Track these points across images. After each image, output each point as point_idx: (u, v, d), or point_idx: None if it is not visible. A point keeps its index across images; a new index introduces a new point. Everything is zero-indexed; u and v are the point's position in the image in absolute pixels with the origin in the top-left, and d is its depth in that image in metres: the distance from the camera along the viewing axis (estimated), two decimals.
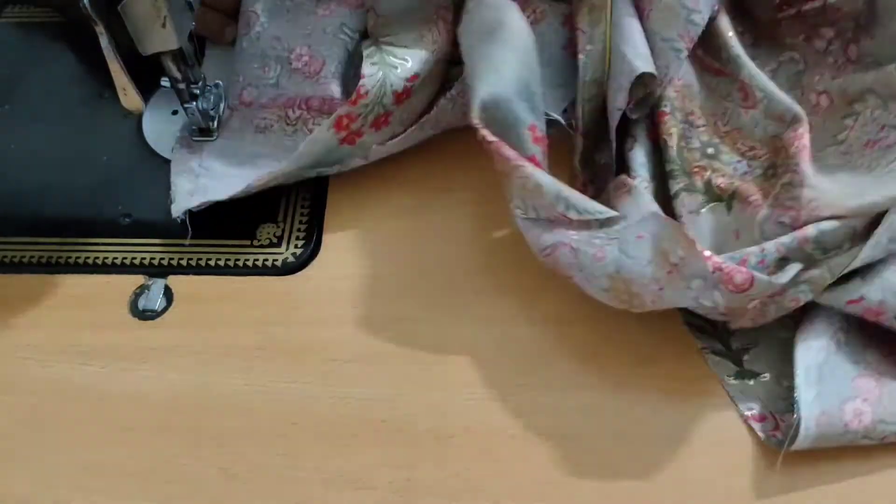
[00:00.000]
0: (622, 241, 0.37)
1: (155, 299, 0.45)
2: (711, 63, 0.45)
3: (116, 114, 0.50)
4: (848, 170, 0.40)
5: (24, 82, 0.55)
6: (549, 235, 0.39)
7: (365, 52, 0.45)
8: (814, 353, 0.38)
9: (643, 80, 0.42)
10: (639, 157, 0.44)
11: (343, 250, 0.47)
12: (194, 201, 0.46)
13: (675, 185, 0.43)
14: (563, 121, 0.45)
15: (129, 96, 0.45)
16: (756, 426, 0.38)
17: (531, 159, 0.41)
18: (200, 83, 0.48)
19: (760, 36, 0.46)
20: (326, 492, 0.39)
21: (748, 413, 0.39)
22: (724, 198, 0.42)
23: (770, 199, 0.40)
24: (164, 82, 0.48)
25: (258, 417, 0.41)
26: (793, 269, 0.37)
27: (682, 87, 0.44)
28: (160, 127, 0.52)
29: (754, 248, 0.37)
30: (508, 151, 0.40)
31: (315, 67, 0.48)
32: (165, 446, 0.40)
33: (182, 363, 0.43)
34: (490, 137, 0.41)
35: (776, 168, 0.41)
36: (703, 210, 0.42)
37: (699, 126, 0.44)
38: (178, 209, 0.46)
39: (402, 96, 0.45)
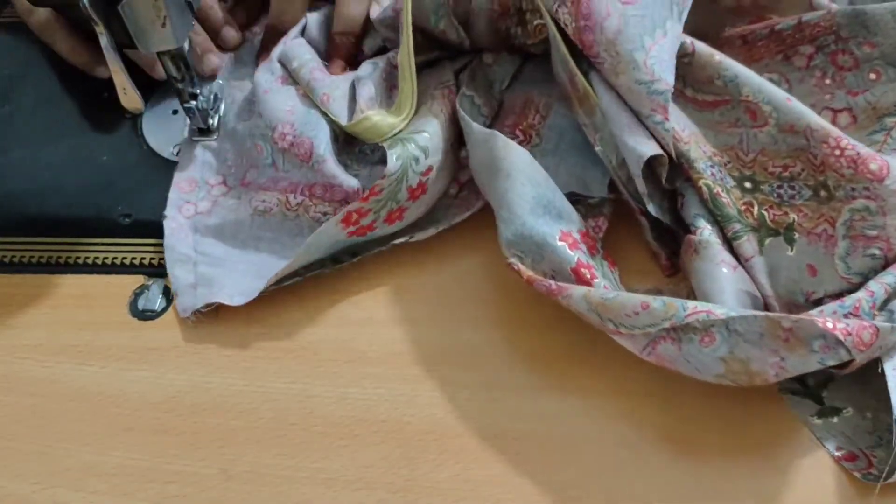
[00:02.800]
0: (732, 316, 0.35)
1: (155, 299, 0.45)
2: (705, 98, 0.43)
3: (116, 114, 0.50)
4: None
5: (24, 82, 0.55)
6: (634, 338, 0.37)
7: (388, 148, 0.42)
8: None
9: (657, 160, 0.41)
10: (692, 210, 0.42)
11: None
12: (200, 298, 0.44)
13: (730, 232, 0.41)
14: (607, 194, 0.44)
15: (129, 96, 0.45)
16: (849, 466, 0.37)
17: (575, 270, 0.39)
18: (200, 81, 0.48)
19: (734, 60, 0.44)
20: (326, 492, 0.39)
21: (838, 454, 0.38)
22: (782, 231, 0.40)
23: (840, 228, 0.38)
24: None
25: (258, 417, 0.41)
26: None
27: (690, 136, 0.42)
28: (160, 127, 0.52)
29: (863, 294, 0.36)
30: (542, 285, 0.39)
31: (304, 150, 0.44)
32: (165, 446, 0.40)
33: (182, 363, 0.43)
34: (525, 274, 0.40)
35: (829, 189, 0.39)
36: (764, 246, 0.40)
37: (726, 164, 0.42)
38: (185, 309, 0.44)
39: (416, 192, 0.43)
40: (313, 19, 0.51)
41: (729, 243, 0.41)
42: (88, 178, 0.50)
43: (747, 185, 0.42)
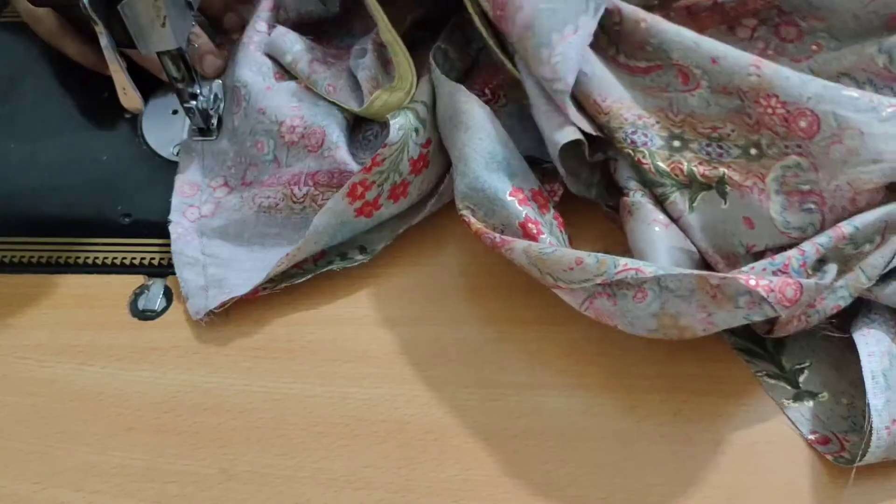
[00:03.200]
0: (661, 274, 0.35)
1: (155, 299, 0.46)
2: (638, 64, 0.43)
3: (116, 113, 0.50)
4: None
5: (24, 82, 0.55)
6: (573, 292, 0.38)
7: (391, 118, 0.42)
8: (877, 359, 0.37)
9: (576, 145, 0.41)
10: (624, 173, 0.43)
11: None
12: (213, 299, 0.43)
13: (659, 191, 0.42)
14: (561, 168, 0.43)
15: (129, 96, 0.45)
16: (821, 450, 0.38)
17: (522, 225, 0.40)
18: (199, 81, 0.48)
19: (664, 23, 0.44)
20: (326, 492, 0.39)
21: (812, 437, 0.38)
22: (713, 185, 0.40)
23: (772, 183, 0.39)
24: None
25: (258, 417, 0.41)
26: (832, 269, 0.36)
27: (612, 104, 0.42)
28: (160, 127, 0.52)
29: (794, 252, 0.36)
30: (487, 236, 0.40)
31: (315, 140, 0.45)
32: (166, 446, 0.40)
33: (182, 363, 0.43)
34: (474, 227, 0.41)
35: (761, 147, 0.40)
36: (696, 204, 0.41)
37: (653, 125, 0.42)
38: (197, 310, 0.43)
39: (418, 164, 0.43)
40: None
41: (661, 204, 0.42)
42: (88, 177, 0.50)
43: (676, 143, 0.42)
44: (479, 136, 0.41)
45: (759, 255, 0.40)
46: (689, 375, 0.41)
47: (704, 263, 0.42)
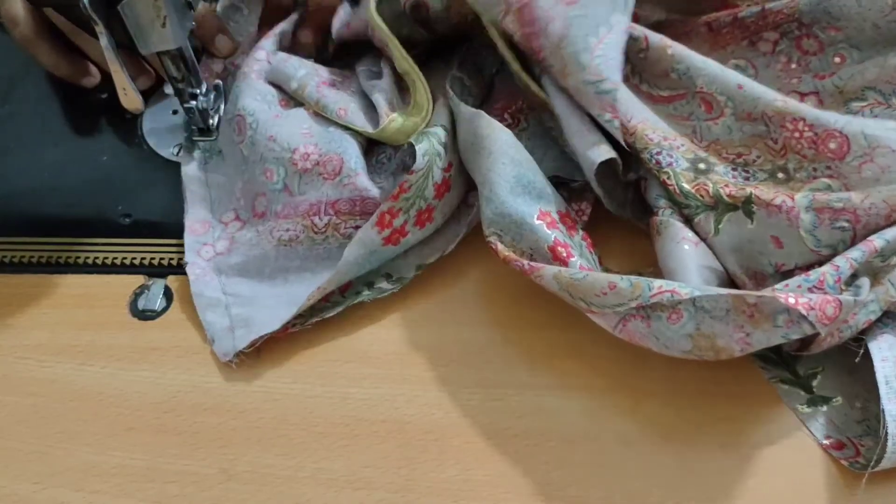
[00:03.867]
0: (697, 295, 0.35)
1: (155, 299, 0.45)
2: (661, 94, 0.43)
3: (116, 114, 0.50)
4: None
5: (24, 82, 0.55)
6: (606, 316, 0.38)
7: (415, 143, 0.42)
8: (891, 364, 0.37)
9: (610, 164, 0.41)
10: (653, 191, 0.43)
11: None
12: (241, 340, 0.42)
13: (686, 211, 0.41)
14: (595, 184, 0.43)
15: (129, 96, 0.45)
16: (836, 454, 0.37)
17: (552, 248, 0.40)
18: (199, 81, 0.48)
19: (698, 48, 0.44)
20: (326, 492, 0.39)
21: (826, 442, 0.38)
22: (740, 205, 0.40)
23: (803, 199, 0.38)
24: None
25: (258, 417, 0.41)
26: (865, 283, 0.36)
27: (637, 124, 0.42)
28: (160, 127, 0.52)
29: (828, 268, 0.36)
30: (516, 263, 0.40)
31: (332, 167, 0.44)
32: (166, 446, 0.40)
33: (182, 363, 0.43)
34: (502, 254, 0.40)
35: (788, 172, 0.40)
36: (721, 225, 0.40)
37: (679, 147, 0.42)
38: (225, 352, 0.42)
39: (441, 189, 0.43)
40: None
41: (689, 222, 0.42)
42: (88, 178, 0.50)
43: (701, 166, 0.42)
44: (503, 160, 0.41)
45: (787, 274, 0.39)
46: (691, 378, 0.41)
47: (732, 283, 0.41)
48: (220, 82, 0.51)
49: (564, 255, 0.40)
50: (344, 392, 0.42)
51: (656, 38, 0.42)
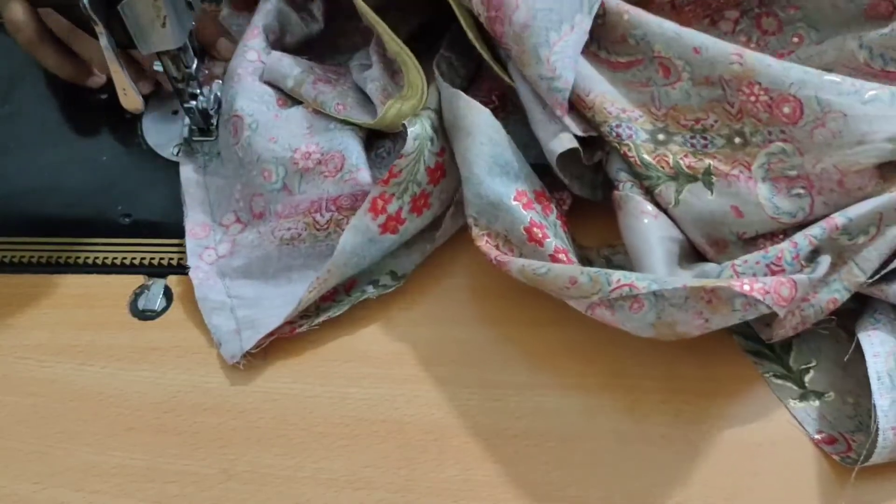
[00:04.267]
0: (655, 289, 0.36)
1: (155, 299, 0.45)
2: (619, 60, 0.43)
3: (116, 114, 0.50)
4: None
5: (24, 82, 0.55)
6: (575, 302, 0.38)
7: (409, 126, 0.42)
8: (882, 359, 0.37)
9: (574, 153, 0.41)
10: (614, 165, 0.43)
11: None
12: (248, 341, 0.42)
13: (647, 182, 0.42)
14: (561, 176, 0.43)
15: (129, 96, 0.45)
16: (828, 449, 0.38)
17: (528, 229, 0.40)
18: (199, 81, 0.48)
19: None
20: (326, 492, 0.39)
21: (818, 437, 0.38)
22: (700, 176, 0.40)
23: (758, 171, 0.39)
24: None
25: (258, 417, 0.41)
26: (824, 261, 0.36)
27: (595, 98, 0.42)
28: (160, 127, 0.52)
29: (787, 245, 0.37)
30: (488, 255, 0.40)
31: (334, 165, 0.44)
32: (166, 446, 0.40)
33: (182, 363, 0.43)
34: (475, 237, 0.41)
35: (745, 136, 0.40)
36: (682, 196, 0.41)
37: (637, 118, 0.42)
38: (231, 354, 0.42)
39: (435, 173, 0.43)
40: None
41: (650, 193, 0.42)
42: (88, 178, 0.50)
43: (660, 136, 0.42)
44: (480, 140, 0.41)
45: (749, 241, 0.40)
46: (691, 376, 0.41)
47: (694, 250, 0.42)
48: (220, 82, 0.51)
49: (540, 235, 0.40)
50: (344, 392, 0.42)
51: (612, 3, 0.42)
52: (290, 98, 0.48)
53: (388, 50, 0.45)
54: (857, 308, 0.39)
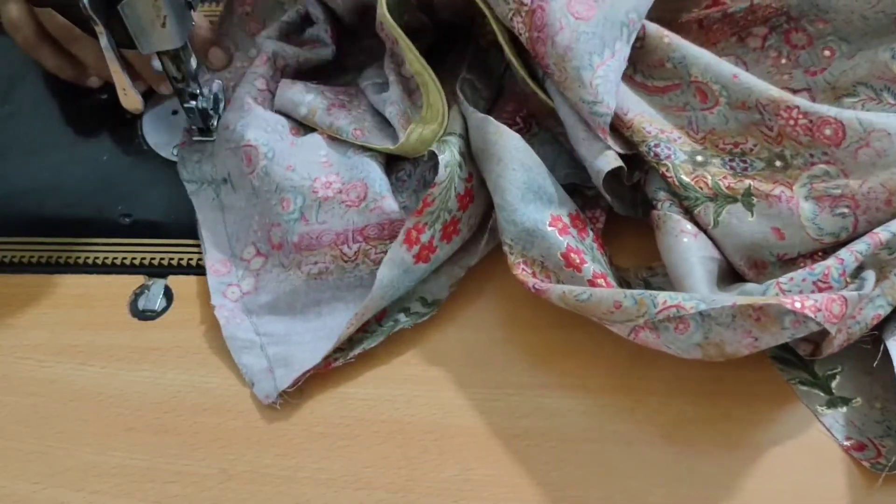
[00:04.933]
0: (703, 309, 0.35)
1: (155, 299, 0.45)
2: (655, 84, 0.44)
3: (116, 114, 0.50)
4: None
5: (24, 82, 0.55)
6: (618, 326, 0.38)
7: (438, 153, 0.42)
8: None
9: (616, 169, 0.41)
10: (653, 185, 0.43)
11: None
12: (283, 380, 0.41)
13: (686, 202, 0.41)
14: (605, 193, 0.43)
15: (129, 96, 0.45)
16: (857, 455, 0.37)
17: (565, 255, 0.40)
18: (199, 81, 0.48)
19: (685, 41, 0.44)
20: (326, 492, 0.39)
21: (847, 443, 0.38)
22: (739, 197, 0.40)
23: (801, 189, 0.39)
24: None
25: (258, 417, 0.41)
26: (870, 276, 0.36)
27: (633, 117, 0.42)
28: (160, 127, 0.52)
29: (832, 262, 0.36)
30: (526, 284, 0.40)
31: (356, 194, 0.43)
32: (166, 446, 0.40)
33: (182, 363, 0.43)
34: (511, 264, 0.40)
35: (786, 159, 0.40)
36: (721, 217, 0.40)
37: (676, 140, 0.42)
38: (266, 394, 0.41)
39: (465, 199, 0.42)
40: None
41: (689, 213, 0.41)
42: (88, 178, 0.50)
43: (699, 158, 0.42)
44: (513, 166, 0.41)
45: (789, 262, 0.39)
46: (692, 377, 0.41)
47: (733, 272, 0.41)
48: (220, 82, 0.51)
49: (578, 261, 0.39)
50: (344, 392, 0.42)
51: (653, 28, 0.42)
52: (303, 126, 0.47)
53: (410, 68, 0.45)
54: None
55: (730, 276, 0.41)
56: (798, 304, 0.33)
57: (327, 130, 0.46)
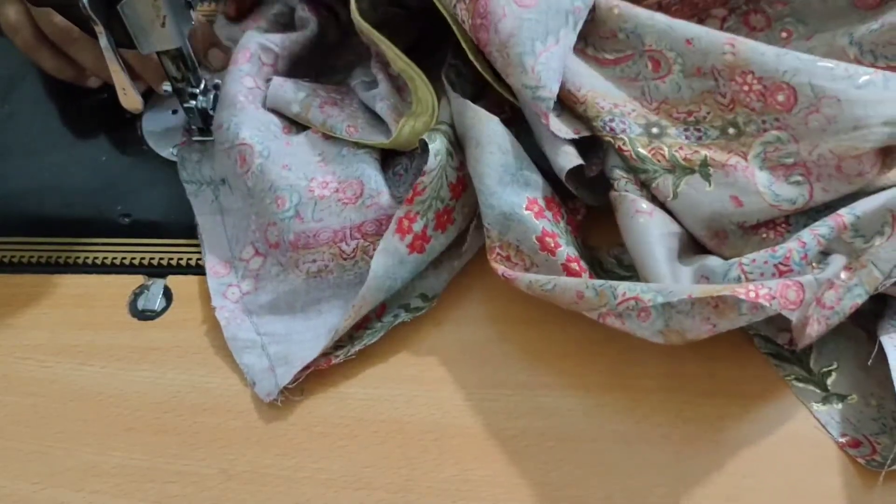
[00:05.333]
0: (660, 301, 0.36)
1: (155, 299, 0.46)
2: (607, 57, 0.43)
3: (116, 114, 0.50)
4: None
5: (24, 82, 0.55)
6: (586, 312, 0.39)
7: (429, 142, 0.41)
8: None
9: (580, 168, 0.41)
10: (609, 162, 0.43)
11: None
12: (283, 377, 0.41)
13: (643, 176, 0.41)
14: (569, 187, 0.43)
15: (129, 96, 0.45)
16: (853, 452, 0.37)
17: (540, 238, 0.40)
18: (200, 81, 0.48)
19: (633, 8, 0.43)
20: (326, 492, 0.39)
21: (842, 440, 0.38)
22: (696, 168, 0.40)
23: (755, 160, 0.39)
24: (166, 87, 0.48)
25: (258, 417, 0.41)
26: (834, 261, 0.36)
27: (587, 93, 0.42)
28: (160, 127, 0.52)
29: (795, 244, 0.36)
30: (497, 266, 0.41)
31: (353, 192, 0.43)
32: (166, 446, 0.40)
33: (182, 363, 0.43)
34: (489, 254, 0.41)
35: (738, 126, 0.40)
36: (680, 189, 0.40)
37: (630, 113, 0.42)
38: (267, 392, 0.41)
39: (457, 188, 0.42)
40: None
41: (647, 187, 0.42)
42: (88, 178, 0.50)
43: (654, 130, 0.42)
44: (490, 149, 0.41)
45: (750, 230, 0.40)
46: (691, 376, 0.41)
47: (696, 243, 0.42)
48: (219, 81, 0.51)
49: (552, 244, 0.40)
50: (343, 392, 0.42)
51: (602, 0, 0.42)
52: (295, 124, 0.47)
53: (393, 66, 0.45)
54: (878, 310, 0.39)
55: (691, 248, 0.42)
56: (752, 294, 0.33)
57: (320, 128, 0.46)
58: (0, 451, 0.41)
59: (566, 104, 0.43)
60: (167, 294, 0.46)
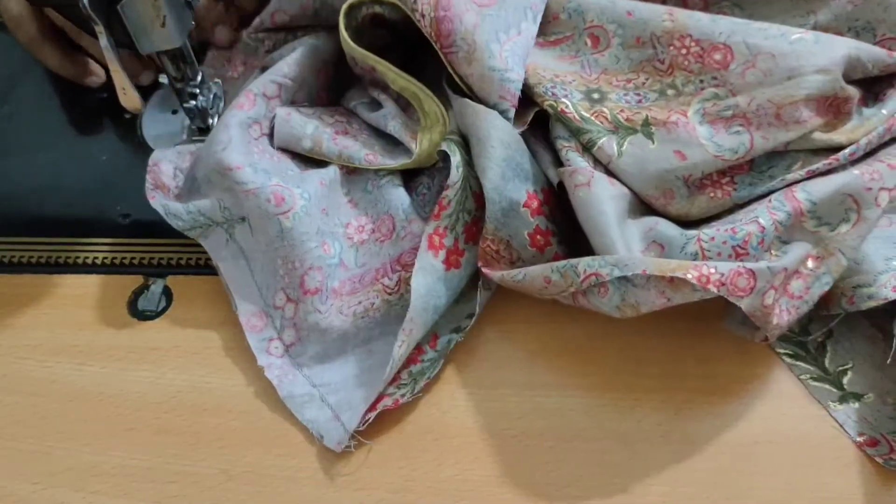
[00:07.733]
0: (617, 275, 0.36)
1: (155, 299, 0.46)
2: (545, 40, 0.44)
3: (116, 114, 0.50)
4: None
5: (24, 82, 0.55)
6: (559, 297, 0.39)
7: (451, 154, 0.41)
8: None
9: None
10: (553, 132, 0.43)
11: None
12: (350, 421, 0.40)
13: (586, 137, 0.41)
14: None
15: (129, 96, 0.45)
16: (870, 452, 0.38)
17: (531, 234, 0.40)
18: (199, 81, 0.48)
19: None
20: (326, 492, 0.39)
21: (860, 439, 0.38)
22: (638, 128, 0.41)
23: (695, 116, 0.40)
24: (164, 78, 0.47)
25: (258, 417, 0.41)
26: (793, 249, 0.36)
27: (531, 64, 0.43)
28: (160, 126, 0.52)
29: (754, 228, 0.37)
30: (479, 258, 0.41)
31: (386, 228, 0.43)
32: (165, 446, 0.40)
33: (182, 363, 0.43)
34: (482, 244, 0.41)
35: (677, 87, 0.41)
36: (624, 148, 0.41)
37: (570, 82, 0.43)
38: (338, 441, 0.39)
39: (482, 197, 0.41)
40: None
41: (589, 151, 0.42)
42: (88, 178, 0.50)
43: (595, 96, 0.43)
44: (491, 143, 0.41)
45: (696, 189, 0.40)
46: (690, 375, 0.41)
47: (643, 203, 0.42)
48: (219, 81, 0.51)
49: (542, 242, 0.41)
50: None
51: None
52: (308, 160, 0.46)
53: (393, 87, 0.44)
54: (893, 309, 0.39)
55: (638, 210, 0.42)
56: (704, 280, 0.34)
57: (337, 161, 0.44)
58: (0, 451, 0.41)
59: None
60: (167, 294, 0.46)
